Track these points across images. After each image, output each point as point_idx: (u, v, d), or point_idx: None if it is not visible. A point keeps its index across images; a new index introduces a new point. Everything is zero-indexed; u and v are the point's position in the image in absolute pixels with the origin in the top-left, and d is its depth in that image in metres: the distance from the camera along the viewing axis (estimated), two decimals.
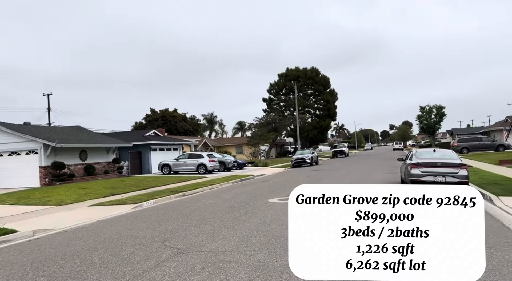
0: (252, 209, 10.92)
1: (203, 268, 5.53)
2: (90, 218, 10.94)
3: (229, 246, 6.67)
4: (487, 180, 14.24)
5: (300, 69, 66.20)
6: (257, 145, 47.48)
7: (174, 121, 67.38)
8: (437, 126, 68.55)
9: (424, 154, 13.89)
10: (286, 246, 6.57)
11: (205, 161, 28.55)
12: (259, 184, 19.32)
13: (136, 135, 37.46)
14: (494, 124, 61.49)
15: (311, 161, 34.94)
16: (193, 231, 8.19)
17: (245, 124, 73.36)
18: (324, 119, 65.35)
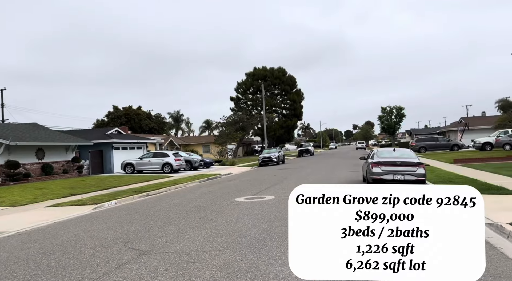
0: (218, 208, 10.85)
1: (166, 269, 5.42)
2: (47, 220, 10.42)
3: (194, 247, 6.58)
4: (443, 178, 15.02)
5: (267, 68, 66.63)
6: (224, 144, 47.28)
7: (138, 119, 65.61)
8: (397, 126, 71.55)
9: (385, 153, 14.43)
10: (252, 245, 6.61)
11: (170, 160, 28.03)
12: (226, 183, 19.25)
13: (97, 133, 36.12)
14: (449, 125, 65.00)
15: (277, 160, 35.30)
16: (157, 232, 8.01)
17: (212, 122, 72.89)
18: (290, 119, 66.19)
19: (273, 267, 5.27)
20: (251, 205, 11.08)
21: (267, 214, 9.40)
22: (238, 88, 67.44)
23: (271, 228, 7.80)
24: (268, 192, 14.10)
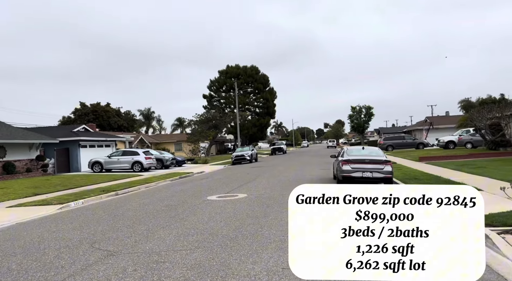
0: (190, 207, 10.73)
1: (135, 270, 5.29)
2: (9, 221, 9.92)
3: (164, 246, 6.47)
4: (409, 175, 15.57)
5: (240, 66, 66.53)
6: (197, 142, 46.78)
7: (106, 116, 63.71)
8: (366, 125, 73.46)
9: (354, 151, 14.77)
10: (224, 244, 6.58)
11: (141, 158, 27.42)
12: (198, 181, 19.06)
13: (63, 130, 34.78)
14: (415, 124, 67.42)
15: (250, 158, 35.36)
16: (126, 232, 7.81)
17: (184, 120, 71.90)
18: (263, 117, 66.46)
19: (244, 265, 5.27)
20: (223, 204, 11.04)
21: (239, 212, 9.39)
22: (211, 86, 66.95)
23: (243, 226, 7.79)
24: (241, 190, 14.09)
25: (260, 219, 8.36)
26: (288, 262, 2.48)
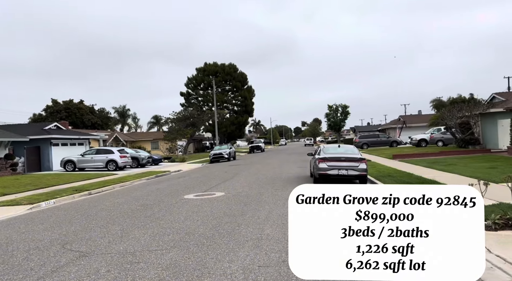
0: (166, 206, 10.58)
1: (108, 271, 5.17)
2: None
3: (139, 246, 6.35)
4: (383, 172, 15.95)
5: (218, 64, 66.13)
6: (174, 140, 46.17)
7: (80, 113, 61.90)
8: (342, 124, 74.81)
9: (330, 149, 14.97)
10: (200, 243, 6.52)
11: (115, 157, 26.80)
12: (175, 180, 18.83)
13: (34, 128, 33.52)
14: (389, 123, 69.10)
15: (229, 156, 35.25)
16: (99, 232, 7.62)
17: (161, 118, 70.86)
18: (242, 115, 66.37)
19: (220, 263, 5.25)
20: (200, 202, 10.95)
21: (216, 211, 9.34)
22: (189, 84, 66.23)
23: (220, 224, 7.76)
24: (218, 188, 14.03)
25: (237, 218, 8.35)
26: (262, 260, 2.48)
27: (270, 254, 5.56)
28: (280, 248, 5.84)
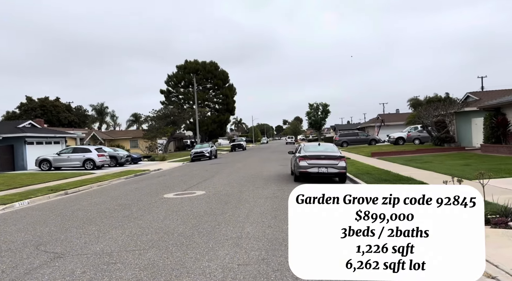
0: (145, 206, 10.42)
1: (84, 272, 5.04)
2: None
3: (116, 247, 6.23)
4: (361, 170, 16.21)
5: (199, 62, 65.52)
6: (154, 138, 45.50)
7: (56, 111, 60.18)
8: (323, 122, 75.85)
9: (311, 147, 15.10)
10: (179, 242, 6.45)
11: (93, 155, 26.20)
12: (155, 179, 18.57)
13: (7, 126, 32.37)
14: (368, 121, 70.39)
15: (210, 155, 35.03)
16: (75, 233, 7.43)
17: (141, 116, 69.60)
18: (223, 114, 66.03)
19: (199, 263, 5.21)
20: (180, 201, 10.84)
21: (196, 210, 9.27)
22: (169, 81, 65.36)
23: (200, 223, 7.70)
24: (199, 187, 13.92)
25: (217, 216, 8.31)
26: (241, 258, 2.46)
27: (250, 252, 5.56)
28: (260, 246, 5.85)
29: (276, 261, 5.14)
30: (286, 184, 13.56)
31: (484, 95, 30.99)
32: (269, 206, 9.26)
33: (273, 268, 4.87)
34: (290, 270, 4.71)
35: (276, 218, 7.87)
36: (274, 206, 9.22)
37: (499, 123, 21.60)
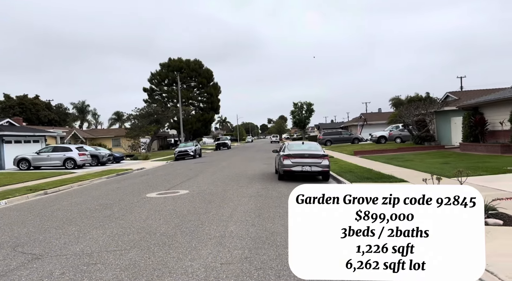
0: (127, 205, 10.27)
1: (63, 273, 4.94)
2: None
3: (97, 247, 6.12)
4: (344, 168, 16.40)
5: (183, 60, 64.87)
6: (137, 137, 44.85)
7: (35, 109, 58.59)
8: (307, 121, 76.27)
9: (295, 146, 15.18)
10: (162, 242, 6.39)
11: (73, 154, 25.65)
12: (137, 178, 18.33)
13: None
14: (351, 120, 71.24)
15: (194, 154, 34.80)
16: (54, 234, 7.26)
17: (123, 114, 68.47)
18: (208, 112, 65.63)
19: (182, 262, 5.17)
20: (163, 201, 10.73)
21: (180, 209, 9.19)
22: (152, 79, 64.51)
23: (183, 223, 7.64)
24: (183, 186, 13.82)
25: (201, 216, 8.26)
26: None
27: (233, 251, 5.56)
28: (243, 245, 5.85)
29: (259, 259, 5.15)
30: (270, 182, 13.60)
31: (463, 95, 31.81)
32: (253, 205, 9.27)
33: (256, 266, 4.88)
34: (273, 268, 4.76)
35: (260, 216, 7.88)
36: (258, 205, 9.23)
37: (477, 122, 22.20)
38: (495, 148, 19.66)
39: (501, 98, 20.46)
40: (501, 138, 20.73)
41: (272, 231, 6.60)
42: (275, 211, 8.36)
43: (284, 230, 6.62)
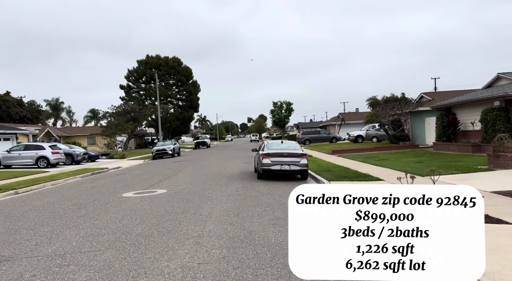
0: (102, 205, 10.03)
1: (33, 275, 4.77)
2: None
3: (70, 248, 5.95)
4: (323, 167, 16.60)
5: (162, 57, 63.94)
6: (113, 135, 43.88)
7: (6, 106, 56.41)
8: (287, 120, 76.77)
9: (274, 145, 15.24)
10: (138, 242, 6.28)
11: (46, 153, 24.84)
12: (113, 178, 17.93)
13: None
14: (330, 119, 72.27)
15: (172, 153, 34.37)
16: (25, 234, 7.01)
17: (99, 112, 66.89)
18: (187, 111, 64.97)
19: (158, 263, 5.10)
20: (140, 200, 10.55)
21: (157, 209, 9.06)
22: (129, 76, 63.27)
23: (160, 223, 7.54)
24: (161, 185, 13.62)
25: (178, 215, 8.17)
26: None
27: (210, 250, 5.52)
28: (221, 244, 5.82)
29: (237, 258, 5.13)
30: (249, 181, 13.60)
31: (437, 96, 32.76)
32: (232, 204, 9.24)
33: (234, 265, 4.87)
34: (251, 267, 4.76)
35: (239, 215, 7.87)
36: (237, 204, 9.22)
37: (450, 122, 22.94)
38: (466, 148, 20.37)
39: (472, 99, 21.21)
40: (472, 138, 21.50)
41: (250, 230, 6.60)
42: (253, 210, 8.36)
43: (262, 229, 6.63)
